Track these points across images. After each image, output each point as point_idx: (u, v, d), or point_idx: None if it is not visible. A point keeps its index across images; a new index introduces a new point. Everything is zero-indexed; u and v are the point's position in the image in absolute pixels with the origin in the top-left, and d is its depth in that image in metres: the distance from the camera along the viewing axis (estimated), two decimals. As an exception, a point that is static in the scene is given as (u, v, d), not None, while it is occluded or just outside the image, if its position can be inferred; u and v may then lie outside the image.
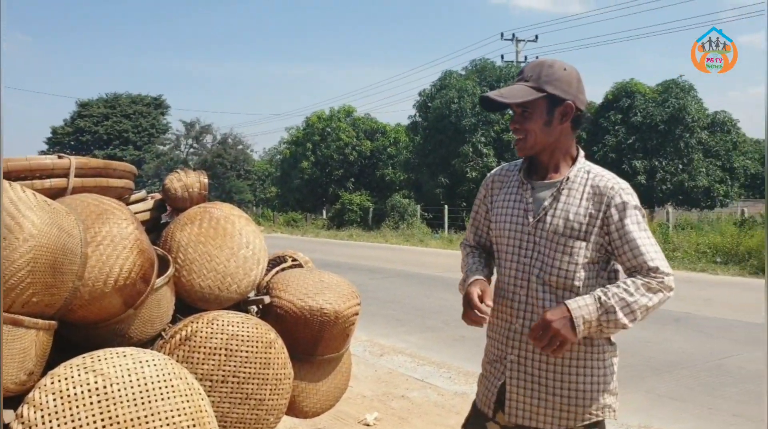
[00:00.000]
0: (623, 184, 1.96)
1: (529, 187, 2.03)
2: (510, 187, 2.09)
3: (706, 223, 19.43)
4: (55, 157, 2.36)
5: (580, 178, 1.97)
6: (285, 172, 37.14)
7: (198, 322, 2.32)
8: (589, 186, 1.95)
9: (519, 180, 2.06)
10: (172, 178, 2.73)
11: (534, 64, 2.03)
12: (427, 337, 7.16)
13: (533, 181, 2.03)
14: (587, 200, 1.93)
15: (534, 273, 1.97)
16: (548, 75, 1.94)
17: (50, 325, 1.93)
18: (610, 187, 1.93)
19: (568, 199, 1.95)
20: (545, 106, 1.94)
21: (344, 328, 2.68)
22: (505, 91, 1.98)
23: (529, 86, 1.94)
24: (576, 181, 1.97)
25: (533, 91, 1.93)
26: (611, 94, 26.19)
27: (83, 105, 48.97)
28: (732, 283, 10.87)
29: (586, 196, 1.94)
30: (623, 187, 1.94)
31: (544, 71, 1.95)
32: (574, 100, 1.95)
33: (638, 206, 1.93)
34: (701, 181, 24.64)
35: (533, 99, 1.92)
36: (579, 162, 2.01)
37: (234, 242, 2.57)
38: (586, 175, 1.98)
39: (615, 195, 1.91)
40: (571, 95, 1.95)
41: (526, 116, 1.95)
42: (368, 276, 12.19)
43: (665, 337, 6.82)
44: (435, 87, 26.75)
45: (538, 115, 1.94)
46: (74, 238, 1.96)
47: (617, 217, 1.89)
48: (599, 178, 1.96)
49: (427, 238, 22.09)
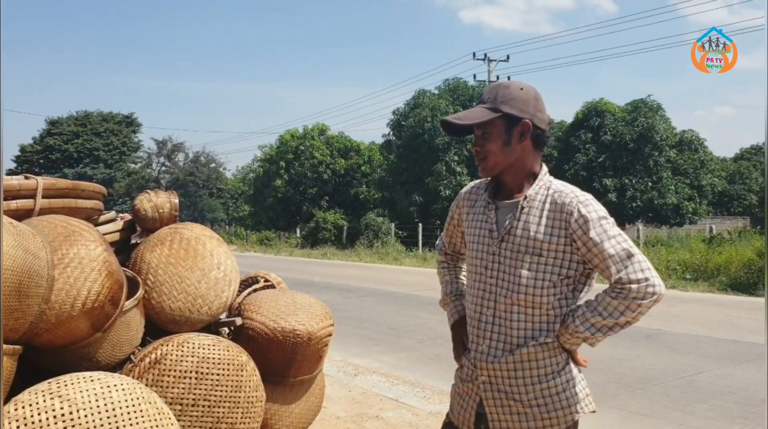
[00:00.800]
0: (582, 197, 1.94)
1: (493, 208, 2.04)
2: (477, 207, 2.11)
3: (676, 240, 19.73)
4: (21, 177, 2.32)
5: (541, 196, 1.97)
6: (258, 191, 36.96)
7: (168, 345, 2.28)
8: (548, 202, 1.95)
9: (485, 200, 2.08)
10: (142, 199, 2.70)
11: (492, 86, 2.06)
12: (401, 356, 7.13)
13: (498, 202, 2.05)
14: (548, 217, 1.93)
15: (501, 293, 1.97)
16: (504, 95, 1.97)
17: (15, 350, 1.89)
18: (568, 203, 1.92)
19: (529, 218, 1.95)
20: (503, 126, 1.95)
21: (317, 349, 2.66)
22: (462, 114, 2.01)
23: (486, 108, 1.97)
24: (536, 198, 1.97)
25: (490, 112, 1.96)
26: (581, 113, 26.59)
27: (53, 123, 48.29)
28: (701, 300, 11.03)
29: (546, 213, 1.94)
30: (581, 200, 1.93)
31: (500, 92, 1.98)
32: (532, 118, 1.96)
33: (602, 216, 1.91)
34: (670, 199, 25.06)
35: (490, 119, 1.95)
36: (540, 179, 2.01)
37: (205, 263, 2.54)
38: (546, 191, 1.97)
39: (573, 210, 1.90)
40: (528, 114, 1.96)
41: (485, 137, 1.98)
42: (342, 295, 12.13)
43: (637, 354, 6.88)
44: (408, 106, 26.92)
45: (496, 136, 1.96)
46: (40, 261, 1.92)
47: (581, 232, 1.89)
48: (558, 193, 1.95)
49: (401, 256, 22.09)
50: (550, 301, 1.93)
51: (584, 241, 1.88)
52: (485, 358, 2.00)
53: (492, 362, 1.97)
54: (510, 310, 1.96)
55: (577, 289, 1.98)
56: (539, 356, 1.95)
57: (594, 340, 1.92)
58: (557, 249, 1.92)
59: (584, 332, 1.89)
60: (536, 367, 1.95)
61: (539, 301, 1.93)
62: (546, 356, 1.95)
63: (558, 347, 1.96)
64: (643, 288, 1.83)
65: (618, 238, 1.88)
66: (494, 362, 1.97)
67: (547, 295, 1.93)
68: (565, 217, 1.91)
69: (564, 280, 1.94)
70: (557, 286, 1.93)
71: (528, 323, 1.95)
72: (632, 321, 1.88)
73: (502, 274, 1.98)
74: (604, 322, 1.87)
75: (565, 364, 1.98)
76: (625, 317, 1.86)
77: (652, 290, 1.84)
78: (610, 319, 1.87)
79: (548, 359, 1.96)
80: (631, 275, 1.84)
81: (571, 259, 1.93)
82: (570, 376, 1.98)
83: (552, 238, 1.91)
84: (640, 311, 1.86)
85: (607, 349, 7.04)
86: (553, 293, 1.93)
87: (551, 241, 1.91)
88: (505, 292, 1.97)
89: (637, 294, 1.83)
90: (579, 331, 1.90)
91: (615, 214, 22.22)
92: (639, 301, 1.84)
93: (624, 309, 1.85)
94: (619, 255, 1.86)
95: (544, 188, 1.98)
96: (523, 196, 1.97)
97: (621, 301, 1.85)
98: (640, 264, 1.86)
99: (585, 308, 1.91)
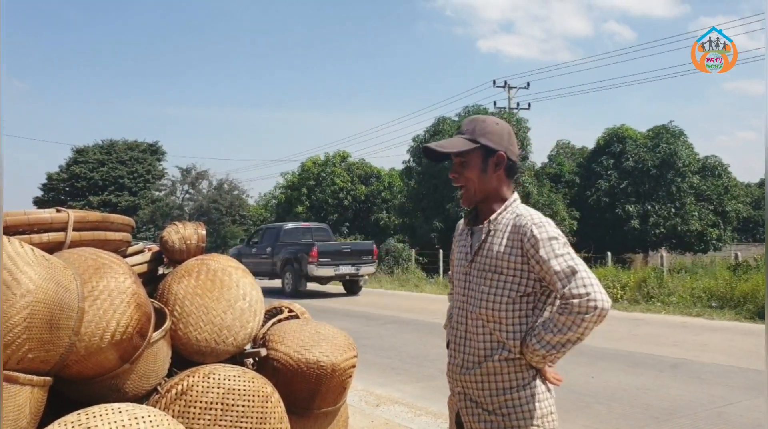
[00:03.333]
0: (537, 219, 2.08)
1: (470, 232, 2.25)
2: (461, 234, 2.31)
3: (700, 266, 19.43)
4: (53, 211, 2.38)
5: (506, 220, 2.13)
6: (280, 217, 37.14)
7: (194, 376, 2.30)
8: (510, 225, 2.11)
9: (464, 226, 2.30)
10: (170, 231, 2.74)
11: (470, 119, 2.23)
12: (424, 386, 7.07)
13: (474, 227, 2.24)
14: (508, 238, 2.09)
15: (470, 309, 2.16)
16: (482, 129, 2.16)
17: (45, 382, 1.92)
18: (523, 224, 2.07)
19: (494, 239, 2.13)
20: (480, 157, 2.15)
21: (341, 380, 2.66)
22: (444, 143, 2.19)
23: (465, 138, 2.16)
24: (501, 221, 2.14)
25: (469, 142, 2.15)
26: (603, 139, 26.52)
27: (79, 151, 49.12)
28: (728, 328, 10.82)
29: (507, 235, 2.10)
30: (536, 221, 2.07)
31: (478, 125, 2.17)
32: (506, 151, 2.16)
33: (552, 236, 2.04)
34: (694, 225, 24.77)
35: (469, 149, 2.14)
36: (508, 205, 2.18)
37: (231, 294, 2.57)
38: (511, 215, 2.14)
39: (527, 230, 2.05)
40: (503, 146, 2.16)
41: (464, 166, 2.17)
42: (364, 323, 12.10)
43: (662, 384, 6.76)
44: (429, 132, 27.00)
45: (474, 165, 2.15)
46: (71, 293, 1.96)
47: (533, 250, 2.03)
48: (519, 217, 2.11)
49: (422, 283, 21.99)
50: (509, 316, 2.08)
51: (537, 259, 2.03)
52: (459, 370, 2.19)
53: (464, 374, 2.16)
54: (476, 325, 2.14)
55: (537, 307, 2.10)
56: (504, 370, 2.09)
57: (552, 357, 2.02)
58: (515, 267, 2.07)
59: (540, 349, 2.00)
60: (501, 380, 2.09)
61: (499, 315, 2.08)
62: (511, 371, 2.09)
63: (525, 364, 2.09)
64: (584, 302, 1.93)
65: (565, 257, 2.01)
66: (466, 374, 2.16)
67: (506, 310, 2.08)
68: (520, 238, 2.06)
69: (523, 298, 2.08)
70: (516, 303, 2.08)
71: (491, 336, 2.11)
72: (581, 336, 1.97)
73: (471, 291, 2.17)
74: (556, 338, 1.98)
75: (531, 380, 2.09)
76: (572, 332, 1.95)
77: (594, 304, 1.93)
78: (560, 334, 1.97)
79: (513, 374, 2.09)
80: (573, 290, 1.95)
81: (529, 277, 2.07)
82: (535, 391, 2.09)
83: (510, 256, 2.07)
84: (586, 326, 1.94)
85: (631, 378, 6.95)
86: (512, 309, 2.08)
87: (510, 259, 2.07)
88: (472, 308, 2.15)
89: (579, 308, 1.93)
90: (536, 349, 2.01)
91: (638, 240, 21.92)
92: (582, 316, 1.93)
93: (570, 324, 1.95)
94: (564, 271, 1.98)
95: (510, 213, 2.15)
96: (489, 220, 2.16)
97: (567, 317, 1.95)
98: (582, 280, 1.96)
99: (540, 326, 2.03)
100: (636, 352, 8.40)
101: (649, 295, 14.43)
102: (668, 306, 13.53)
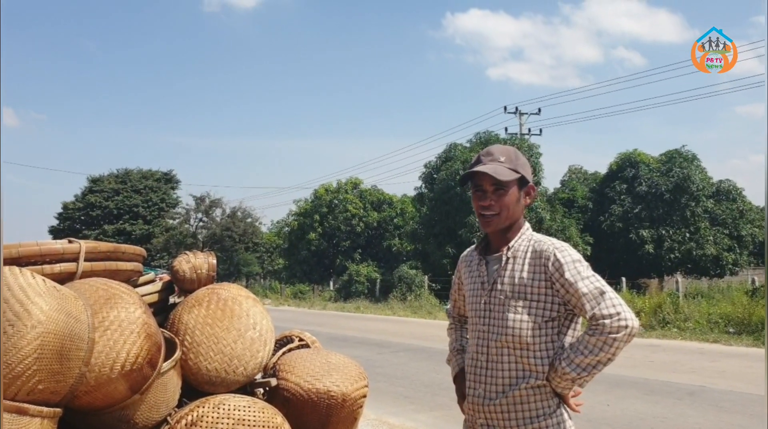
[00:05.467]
0: (558, 244, 2.14)
1: (483, 262, 2.27)
2: (471, 265, 2.34)
3: (717, 291, 19.21)
4: (65, 241, 2.39)
5: (524, 246, 2.19)
6: (292, 244, 37.26)
7: (204, 407, 2.29)
8: (530, 251, 2.16)
9: (477, 257, 2.31)
10: (181, 260, 2.75)
11: (500, 148, 2.27)
12: (437, 415, 6.99)
13: (487, 256, 2.28)
14: (529, 264, 2.14)
15: (492, 338, 2.16)
16: (518, 159, 2.23)
17: (55, 413, 1.92)
18: (545, 250, 2.12)
19: (514, 266, 2.16)
20: (517, 186, 2.21)
21: (352, 411, 2.64)
22: (491, 170, 2.17)
23: (509, 168, 2.19)
24: (519, 248, 2.19)
25: (513, 172, 2.19)
26: (615, 164, 26.46)
27: (94, 181, 49.63)
28: (746, 355, 10.66)
29: (528, 261, 2.14)
30: (557, 246, 2.12)
31: (513, 155, 2.23)
32: (533, 183, 2.28)
33: (575, 259, 2.09)
34: (709, 250, 24.54)
35: (513, 179, 2.19)
36: (523, 233, 2.23)
37: (241, 324, 2.57)
38: (528, 242, 2.19)
39: (550, 255, 2.10)
40: (532, 179, 2.28)
41: (500, 194, 2.18)
42: (376, 350, 12.03)
43: (680, 412, 6.64)
44: (440, 159, 27.08)
45: (512, 194, 2.19)
46: (82, 324, 1.96)
47: (557, 274, 2.07)
48: (538, 243, 2.17)
49: (435, 309, 21.88)
50: (536, 342, 2.10)
51: (561, 282, 2.06)
52: (481, 401, 2.17)
53: (487, 405, 2.14)
54: (500, 354, 2.14)
55: (561, 331, 2.13)
56: (531, 399, 2.09)
57: (582, 380, 2.05)
58: (539, 292, 2.11)
59: (570, 372, 2.02)
60: (528, 409, 2.09)
61: (525, 342, 2.10)
62: (537, 399, 2.10)
63: (550, 391, 2.10)
64: (615, 322, 1.97)
65: (591, 279, 2.05)
66: (489, 405, 2.14)
67: (533, 336, 2.10)
68: (544, 262, 2.11)
69: (548, 323, 2.11)
70: (542, 328, 2.10)
71: (518, 364, 2.11)
72: (612, 357, 2.00)
73: (492, 319, 2.18)
74: (587, 360, 2.00)
75: (557, 408, 2.11)
76: (604, 353, 1.98)
77: (624, 324, 1.97)
78: (591, 356, 1.99)
79: (540, 402, 2.10)
80: (603, 310, 1.99)
81: (553, 302, 2.10)
82: (561, 419, 2.11)
83: (534, 282, 2.11)
84: (617, 346, 1.98)
85: (648, 406, 6.84)
86: (539, 334, 2.10)
87: (533, 285, 2.11)
88: (495, 337, 2.16)
89: (610, 328, 1.97)
90: (566, 372, 2.03)
91: (653, 265, 21.67)
92: (613, 336, 1.97)
93: (602, 345, 1.98)
94: (592, 293, 2.02)
95: (526, 240, 2.21)
96: (507, 247, 2.20)
97: (598, 338, 1.98)
98: (611, 300, 2.01)
99: (569, 350, 2.05)
100: (652, 380, 8.29)
101: (665, 321, 14.26)
102: (684, 332, 13.37)
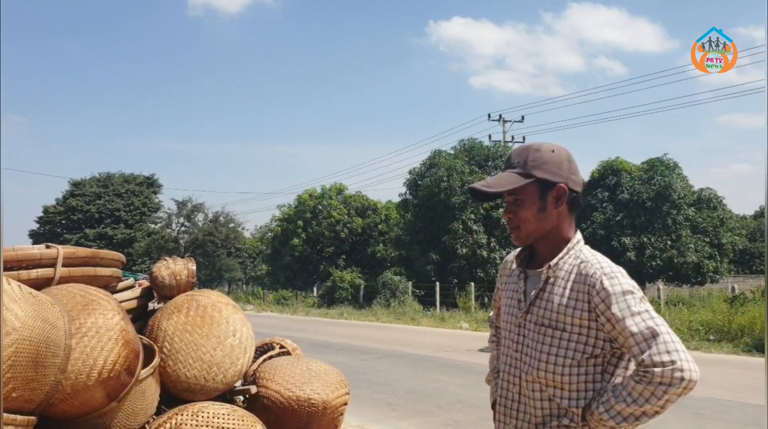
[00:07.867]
0: (608, 268, 1.78)
1: (523, 276, 1.93)
2: (512, 275, 2.00)
3: (697, 299, 19.38)
4: (43, 246, 2.36)
5: (569, 265, 1.83)
6: (276, 250, 37.07)
7: (182, 415, 2.27)
8: (575, 273, 1.80)
9: (517, 268, 1.98)
10: (160, 266, 2.73)
11: (520, 149, 1.92)
12: (419, 422, 6.98)
13: (528, 270, 1.93)
14: (572, 289, 1.79)
15: (524, 369, 1.86)
16: (535, 159, 1.84)
17: (29, 422, 1.88)
18: (591, 274, 1.77)
19: (554, 289, 1.82)
20: (537, 192, 1.84)
21: (332, 418, 2.63)
22: (492, 181, 1.89)
23: (516, 173, 1.86)
24: (563, 268, 1.83)
25: (521, 177, 1.84)
26: (597, 172, 26.63)
27: (76, 184, 49.15)
28: (726, 362, 10.76)
29: (570, 284, 1.79)
30: (606, 271, 1.76)
31: (531, 155, 1.85)
32: (566, 181, 1.85)
33: (626, 290, 1.74)
34: (690, 257, 24.75)
35: (522, 185, 1.83)
36: (571, 248, 1.87)
37: (221, 330, 2.55)
38: (574, 261, 1.83)
39: (596, 282, 1.75)
40: (563, 177, 1.84)
41: (518, 204, 1.87)
42: (359, 357, 12.00)
43: (660, 420, 6.65)
44: (425, 165, 27.12)
45: (530, 202, 1.85)
46: (58, 330, 1.93)
47: (603, 306, 1.72)
48: (585, 264, 1.80)
49: (418, 315, 21.87)
50: (572, 381, 1.78)
51: (607, 316, 1.72)
52: None
53: None
54: (532, 389, 1.84)
55: (606, 371, 1.79)
56: None
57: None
58: (581, 324, 1.77)
59: (608, 420, 1.70)
60: None
61: (560, 380, 1.78)
62: None
63: None
64: (668, 372, 1.63)
65: (644, 315, 1.70)
66: None
67: (569, 374, 1.78)
68: (588, 289, 1.76)
69: (590, 360, 1.77)
70: (582, 366, 1.77)
71: (552, 403, 1.82)
72: (660, 410, 1.68)
73: (526, 348, 1.86)
74: (629, 409, 1.67)
75: None
76: (650, 405, 1.65)
77: (680, 375, 1.63)
78: (635, 406, 1.67)
79: None
80: (655, 357, 1.64)
81: (597, 337, 1.76)
82: None
83: (575, 311, 1.77)
84: (668, 399, 1.65)
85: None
86: (577, 373, 1.78)
87: (574, 314, 1.77)
88: (527, 369, 1.85)
89: (662, 378, 1.64)
90: (603, 420, 1.71)
91: (634, 273, 21.78)
92: (665, 388, 1.64)
93: (649, 395, 1.65)
94: (642, 333, 1.68)
95: (573, 257, 1.85)
96: (548, 266, 1.84)
97: (645, 387, 1.65)
98: (666, 344, 1.66)
99: (611, 393, 1.72)
100: (633, 387, 8.30)
101: (646, 328, 14.33)
102: (666, 339, 13.44)
